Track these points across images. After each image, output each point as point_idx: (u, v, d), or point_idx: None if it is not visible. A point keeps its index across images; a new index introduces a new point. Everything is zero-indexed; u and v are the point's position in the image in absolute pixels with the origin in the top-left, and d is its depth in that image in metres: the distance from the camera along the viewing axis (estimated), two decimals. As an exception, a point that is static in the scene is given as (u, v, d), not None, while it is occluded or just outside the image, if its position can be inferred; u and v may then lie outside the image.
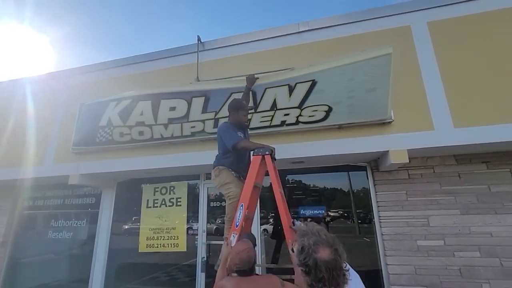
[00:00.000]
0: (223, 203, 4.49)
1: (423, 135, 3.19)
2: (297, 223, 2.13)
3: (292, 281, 1.85)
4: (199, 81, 4.14)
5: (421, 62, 3.41)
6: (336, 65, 2.76)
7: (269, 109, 3.25)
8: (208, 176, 4.60)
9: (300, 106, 3.14)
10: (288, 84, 2.97)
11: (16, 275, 5.18)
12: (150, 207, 4.75)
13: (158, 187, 4.82)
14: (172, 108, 3.42)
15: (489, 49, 3.27)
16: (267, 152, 2.42)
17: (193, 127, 3.58)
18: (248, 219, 2.43)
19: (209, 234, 4.32)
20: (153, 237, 4.55)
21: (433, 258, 3.35)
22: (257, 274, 1.84)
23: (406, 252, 3.43)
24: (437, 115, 3.19)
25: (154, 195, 4.79)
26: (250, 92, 3.15)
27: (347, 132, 3.37)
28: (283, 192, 2.43)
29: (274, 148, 2.44)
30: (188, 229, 4.47)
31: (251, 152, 2.53)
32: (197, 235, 4.36)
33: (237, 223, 2.25)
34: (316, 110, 3.15)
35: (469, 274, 3.23)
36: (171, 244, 4.44)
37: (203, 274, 4.12)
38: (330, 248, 1.17)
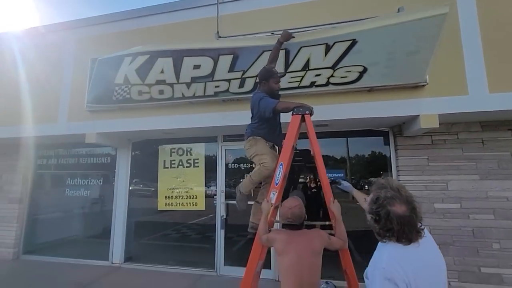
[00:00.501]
0: (241, 165, 4.54)
1: (456, 100, 3.12)
2: (344, 182, 2.16)
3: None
4: (219, 37, 3.90)
5: (461, 20, 3.21)
6: (381, 24, 2.54)
7: (300, 69, 3.09)
8: (226, 138, 4.57)
9: (334, 67, 2.99)
10: (326, 43, 2.77)
11: (35, 230, 5.36)
12: (167, 167, 4.78)
13: (174, 148, 4.80)
14: (196, 66, 3.22)
15: None
16: (307, 112, 2.36)
17: (217, 86, 3.43)
18: (285, 178, 2.44)
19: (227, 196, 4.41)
20: (172, 196, 4.65)
21: (448, 219, 3.50)
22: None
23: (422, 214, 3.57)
24: (472, 79, 3.09)
25: (171, 156, 4.79)
26: (283, 51, 2.95)
27: (377, 95, 3.28)
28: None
29: (313, 108, 2.37)
30: (206, 190, 4.55)
31: (290, 113, 2.44)
32: (215, 195, 4.46)
33: (277, 182, 2.27)
34: (349, 71, 3.02)
35: (481, 234, 3.41)
36: (190, 203, 4.56)
37: (223, 231, 4.29)
38: (407, 205, 1.15)
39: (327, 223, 2.57)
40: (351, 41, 2.70)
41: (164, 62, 3.28)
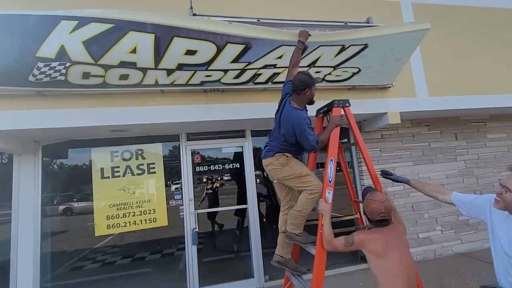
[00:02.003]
0: (211, 167, 3.98)
1: (408, 101, 3.82)
2: (394, 173, 2.21)
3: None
4: (194, 15, 3.24)
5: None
6: (390, 32, 2.75)
7: (306, 65, 2.95)
8: (190, 137, 3.87)
9: (336, 67, 3.03)
10: (343, 45, 2.72)
11: None
12: (108, 177, 3.58)
13: (117, 151, 3.66)
14: (191, 52, 2.48)
15: (460, 34, 4.13)
16: (347, 104, 2.29)
17: (209, 76, 2.82)
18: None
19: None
20: (117, 215, 3.52)
21: (397, 199, 4.25)
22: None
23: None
24: (418, 84, 3.87)
25: (112, 161, 3.62)
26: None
27: (356, 94, 3.59)
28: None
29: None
30: (168, 199, 3.71)
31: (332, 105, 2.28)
32: (181, 205, 3.70)
33: (330, 179, 2.09)
34: (345, 71, 3.15)
35: (417, 208, 4.34)
36: (146, 220, 3.59)
37: (195, 247, 3.61)
38: None
39: (354, 217, 2.62)
40: (364, 45, 2.79)
41: (140, 39, 2.34)
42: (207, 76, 2.83)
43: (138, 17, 2.26)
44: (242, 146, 3.99)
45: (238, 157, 4.07)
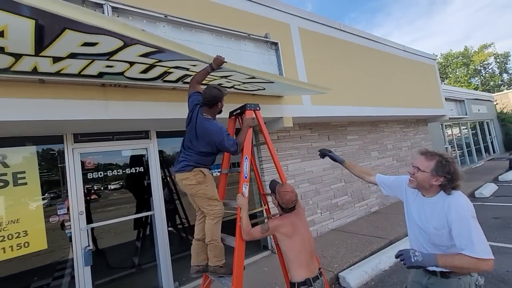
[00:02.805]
0: (108, 172, 3.48)
1: (297, 108, 4.58)
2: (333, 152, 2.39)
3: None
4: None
5: (296, 54, 4.73)
6: (296, 85, 3.44)
7: (218, 76, 2.98)
8: (79, 138, 3.26)
9: (246, 83, 3.29)
10: (254, 76, 2.92)
11: None
12: None
13: (-42, 159, 2.64)
14: (91, 44, 2.06)
15: (330, 58, 5.23)
16: (258, 108, 2.56)
17: (110, 66, 2.45)
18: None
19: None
20: (-39, 246, 2.55)
21: (290, 191, 4.99)
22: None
23: (277, 191, 4.81)
24: (304, 95, 4.70)
25: (-49, 172, 2.59)
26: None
27: (257, 99, 3.98)
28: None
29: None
30: (48, 216, 2.98)
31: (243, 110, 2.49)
32: (66, 221, 3.06)
33: (246, 175, 2.30)
34: (253, 87, 3.49)
35: (304, 196, 5.23)
36: (14, 246, 2.75)
37: (88, 268, 3.06)
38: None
39: (265, 208, 2.94)
40: (272, 82, 3.22)
41: (11, 22, 1.76)
42: (108, 66, 2.44)
43: None
44: (146, 148, 3.68)
45: (138, 160, 3.74)
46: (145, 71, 2.71)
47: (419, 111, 7.53)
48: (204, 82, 2.74)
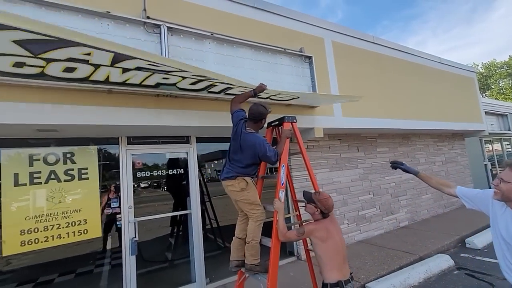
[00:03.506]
0: (154, 172, 3.86)
1: (329, 119, 4.71)
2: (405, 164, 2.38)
3: None
4: (147, 18, 3.20)
5: (329, 67, 4.89)
6: (329, 98, 3.69)
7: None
8: (131, 140, 3.68)
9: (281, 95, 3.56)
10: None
11: None
12: (24, 184, 3.03)
13: (38, 154, 3.14)
14: (154, 64, 2.35)
15: (361, 72, 5.32)
16: (294, 120, 2.77)
17: (166, 78, 2.81)
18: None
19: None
20: (36, 228, 3.01)
21: (317, 200, 5.08)
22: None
23: (305, 199, 4.94)
24: (335, 107, 4.82)
25: (32, 165, 3.09)
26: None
27: (291, 110, 4.20)
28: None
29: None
30: (104, 208, 3.40)
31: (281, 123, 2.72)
32: (118, 214, 3.46)
33: (282, 182, 2.50)
34: (288, 97, 3.72)
35: (332, 206, 5.28)
36: (74, 232, 3.19)
37: (134, 258, 3.42)
38: None
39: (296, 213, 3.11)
40: (297, 97, 3.48)
41: (96, 51, 2.07)
42: (164, 78, 2.82)
43: (96, 43, 1.92)
44: (186, 152, 4.03)
45: (179, 163, 4.09)
46: (194, 83, 3.05)
47: (454, 125, 7.25)
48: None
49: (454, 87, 7.56)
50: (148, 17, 3.18)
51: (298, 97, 3.78)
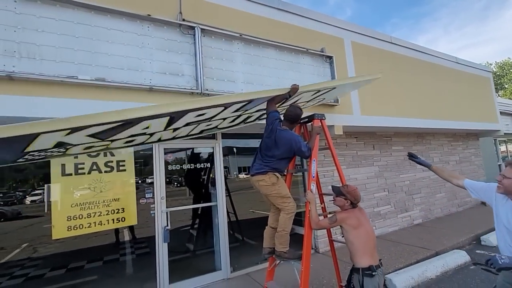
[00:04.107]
0: (184, 166, 4.09)
1: (347, 117, 4.86)
2: (419, 157, 2.64)
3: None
4: (183, 20, 3.41)
5: (348, 66, 5.03)
6: (352, 81, 3.67)
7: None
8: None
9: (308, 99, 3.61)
10: (319, 90, 3.19)
11: None
12: (70, 174, 3.29)
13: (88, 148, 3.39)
14: (200, 115, 2.39)
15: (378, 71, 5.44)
16: (323, 118, 2.94)
17: (209, 125, 2.84)
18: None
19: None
20: (80, 215, 3.27)
21: (335, 196, 5.24)
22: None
23: (322, 194, 5.10)
24: (354, 105, 4.96)
25: (77, 157, 3.34)
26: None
27: (312, 108, 4.37)
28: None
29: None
30: (138, 198, 3.64)
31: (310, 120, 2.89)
32: (152, 204, 3.69)
33: (314, 175, 2.68)
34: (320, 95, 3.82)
35: (348, 202, 5.44)
36: (113, 219, 3.44)
37: (166, 245, 3.66)
38: None
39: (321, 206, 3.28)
40: (334, 88, 3.44)
41: (153, 122, 2.18)
42: (207, 125, 2.92)
43: (151, 111, 1.93)
44: (213, 147, 4.24)
45: (206, 157, 4.31)
46: (233, 121, 3.13)
47: (469, 125, 7.28)
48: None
49: (469, 87, 7.59)
50: (183, 20, 3.40)
51: (324, 99, 3.89)
